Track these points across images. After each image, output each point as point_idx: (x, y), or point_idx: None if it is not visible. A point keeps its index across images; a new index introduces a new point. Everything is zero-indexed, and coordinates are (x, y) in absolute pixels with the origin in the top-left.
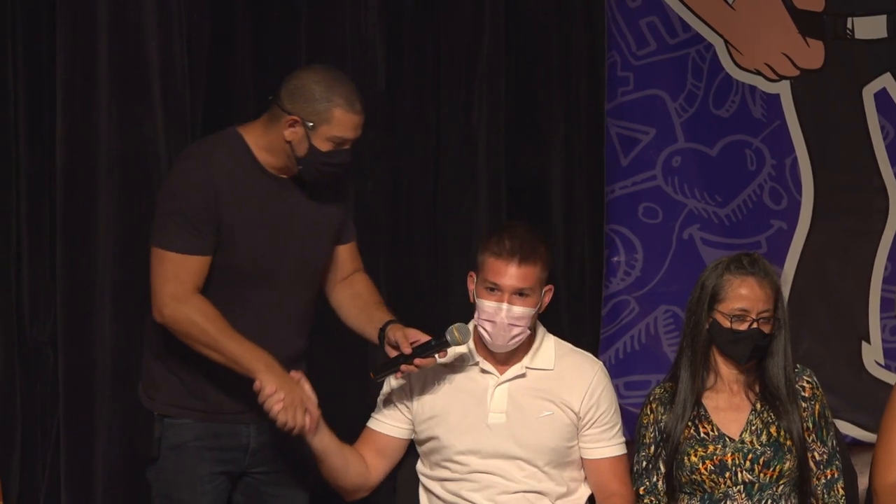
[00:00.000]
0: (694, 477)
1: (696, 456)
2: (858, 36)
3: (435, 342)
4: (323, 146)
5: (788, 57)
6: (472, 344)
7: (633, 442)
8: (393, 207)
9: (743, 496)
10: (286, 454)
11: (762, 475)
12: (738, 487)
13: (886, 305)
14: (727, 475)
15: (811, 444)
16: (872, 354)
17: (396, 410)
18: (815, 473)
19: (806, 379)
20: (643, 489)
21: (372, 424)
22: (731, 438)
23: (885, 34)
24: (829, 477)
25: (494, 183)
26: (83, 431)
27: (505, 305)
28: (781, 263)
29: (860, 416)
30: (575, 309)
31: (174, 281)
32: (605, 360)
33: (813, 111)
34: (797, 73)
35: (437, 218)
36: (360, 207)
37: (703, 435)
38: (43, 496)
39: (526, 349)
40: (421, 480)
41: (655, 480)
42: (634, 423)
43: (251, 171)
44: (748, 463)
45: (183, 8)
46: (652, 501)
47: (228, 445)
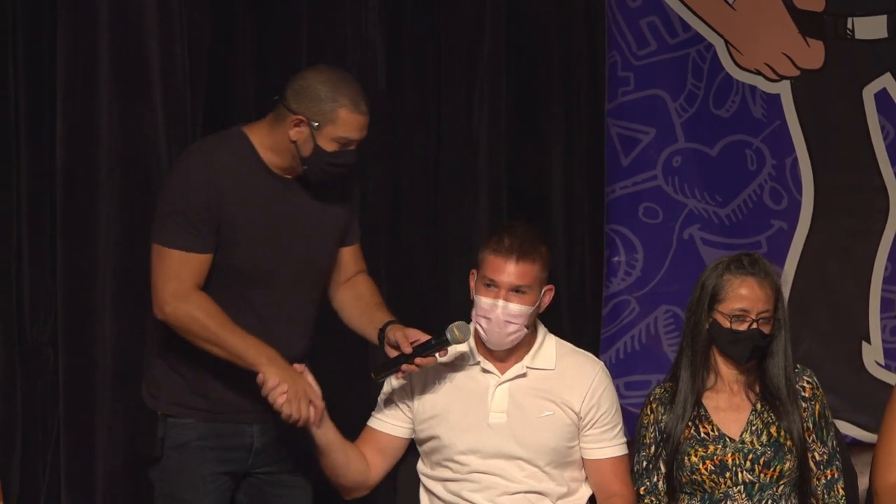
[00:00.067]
0: (694, 477)
1: (696, 456)
2: (859, 36)
3: (435, 341)
4: (328, 146)
5: (789, 57)
6: (473, 343)
7: (633, 442)
8: (393, 207)
9: (743, 496)
10: (289, 454)
11: (762, 475)
12: (738, 487)
13: (887, 305)
14: (727, 475)
15: (811, 444)
16: (873, 354)
17: (397, 409)
18: (815, 474)
19: (806, 379)
20: (643, 489)
21: (372, 423)
22: (731, 438)
23: (885, 34)
24: (829, 477)
25: (495, 183)
26: (83, 431)
27: (501, 302)
28: (782, 263)
29: (860, 416)
30: (575, 309)
31: (175, 279)
32: (605, 360)
33: (813, 111)
34: (797, 73)
35: (437, 218)
36: (360, 207)
37: (703, 435)
38: (43, 496)
39: (527, 349)
40: (421, 480)
41: (656, 480)
42: (635, 423)
43: (255, 170)
44: (748, 463)
45: (183, 8)
46: (652, 501)
47: (232, 445)
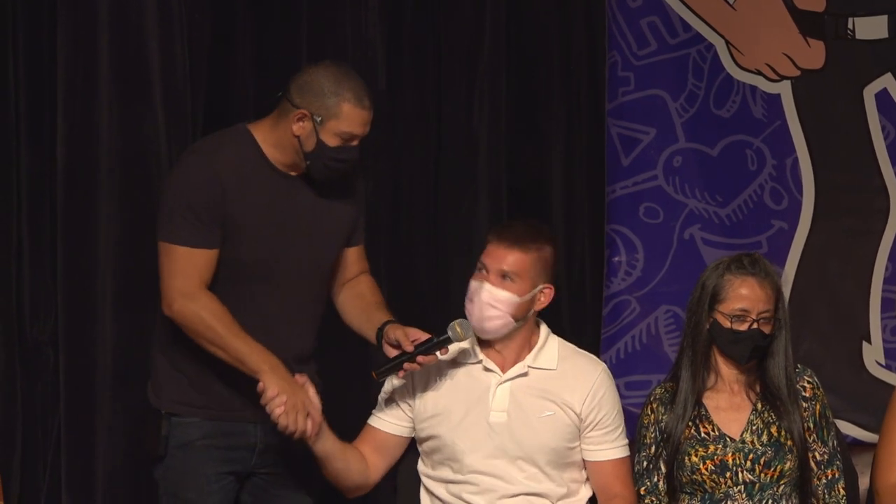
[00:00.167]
0: (695, 477)
1: (696, 456)
2: (859, 36)
3: (437, 339)
4: (331, 141)
5: (789, 57)
6: (475, 341)
7: (633, 442)
8: (393, 207)
9: (743, 496)
10: (293, 455)
11: (763, 475)
12: (738, 487)
13: (887, 305)
14: (728, 475)
15: (812, 444)
16: (873, 354)
17: (398, 408)
18: (815, 473)
19: (807, 379)
20: (644, 489)
21: (373, 422)
22: (731, 438)
23: (885, 34)
24: (829, 477)
25: (495, 183)
26: (84, 431)
27: (486, 285)
28: (782, 263)
29: (861, 416)
30: (576, 309)
31: (181, 276)
32: (606, 360)
33: (814, 111)
34: (798, 73)
35: (437, 218)
36: (366, 208)
37: (703, 435)
38: (44, 496)
39: (529, 348)
40: (422, 480)
41: (656, 480)
42: (635, 423)
43: (259, 167)
44: (749, 463)
45: (183, 8)
46: (653, 501)
47: (235, 445)
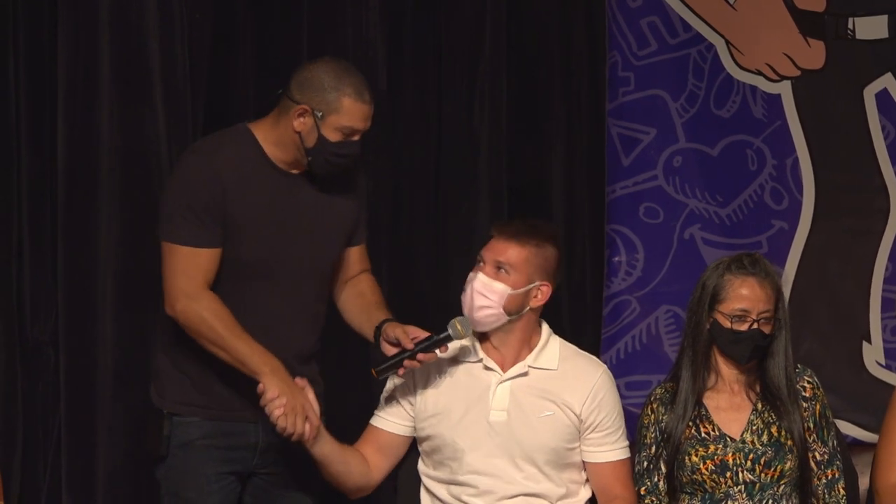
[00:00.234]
0: (695, 477)
1: (696, 456)
2: (859, 36)
3: (437, 336)
4: (332, 136)
5: (789, 57)
6: (476, 340)
7: (633, 442)
8: (393, 207)
9: (744, 496)
10: (294, 455)
11: (763, 475)
12: (738, 487)
13: (887, 305)
14: (728, 475)
15: (812, 444)
16: (873, 354)
17: (399, 407)
18: (815, 473)
19: (807, 379)
20: (644, 489)
21: (375, 422)
22: (731, 438)
23: (886, 34)
24: (829, 477)
25: (495, 183)
26: (84, 431)
27: (480, 274)
28: (782, 263)
29: (861, 416)
30: (576, 309)
31: (183, 276)
32: (606, 360)
33: (814, 111)
34: (798, 73)
35: (437, 218)
36: (368, 208)
37: (703, 435)
38: (44, 496)
39: (530, 348)
40: (422, 480)
41: (656, 481)
42: (635, 423)
43: (260, 166)
44: (749, 463)
45: (184, 8)
46: (653, 501)
47: (236, 444)
